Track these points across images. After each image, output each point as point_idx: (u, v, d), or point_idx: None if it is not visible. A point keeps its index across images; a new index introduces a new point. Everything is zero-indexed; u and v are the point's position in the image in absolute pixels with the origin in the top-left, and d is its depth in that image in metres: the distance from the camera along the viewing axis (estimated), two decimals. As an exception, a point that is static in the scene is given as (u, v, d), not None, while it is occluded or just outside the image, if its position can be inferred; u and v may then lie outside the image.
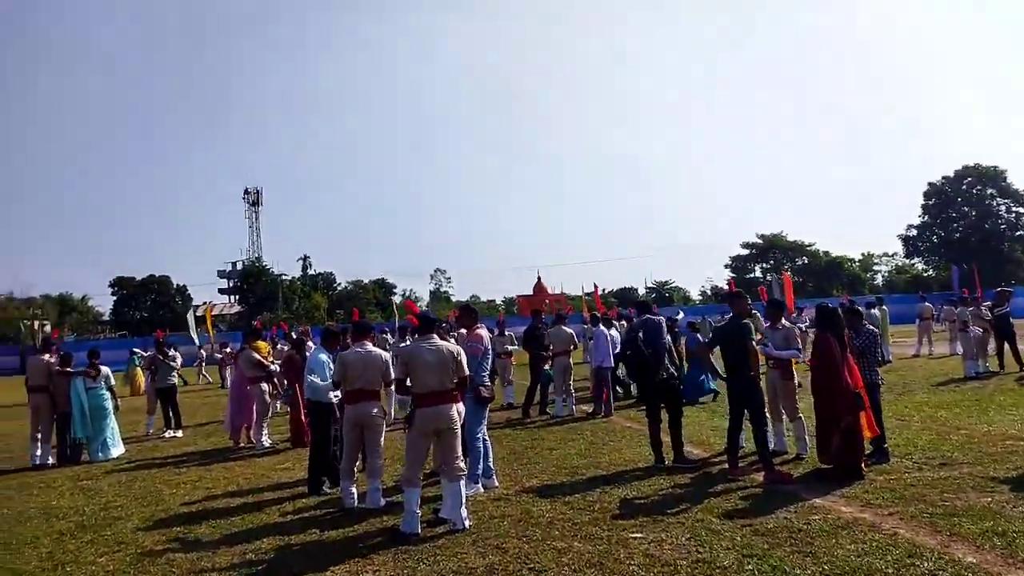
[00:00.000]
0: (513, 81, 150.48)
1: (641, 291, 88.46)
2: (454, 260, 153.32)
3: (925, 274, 69.32)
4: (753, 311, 8.08)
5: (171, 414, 12.58)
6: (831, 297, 46.46)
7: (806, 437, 7.68)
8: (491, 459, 7.19)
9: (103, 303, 78.86)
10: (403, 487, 5.82)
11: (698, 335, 13.74)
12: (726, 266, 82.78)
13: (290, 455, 9.69)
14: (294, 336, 11.61)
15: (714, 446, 8.56)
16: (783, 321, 7.89)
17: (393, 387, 6.59)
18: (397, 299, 79.61)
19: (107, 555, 5.55)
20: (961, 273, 37.52)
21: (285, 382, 10.56)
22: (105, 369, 10.47)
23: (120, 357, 27.85)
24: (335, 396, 7.29)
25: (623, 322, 14.75)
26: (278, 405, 11.44)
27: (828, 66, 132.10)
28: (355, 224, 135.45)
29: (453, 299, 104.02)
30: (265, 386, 10.49)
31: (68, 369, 10.32)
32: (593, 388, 12.14)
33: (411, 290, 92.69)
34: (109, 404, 10.41)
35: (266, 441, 10.28)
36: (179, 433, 12.44)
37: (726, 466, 7.05)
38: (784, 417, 7.88)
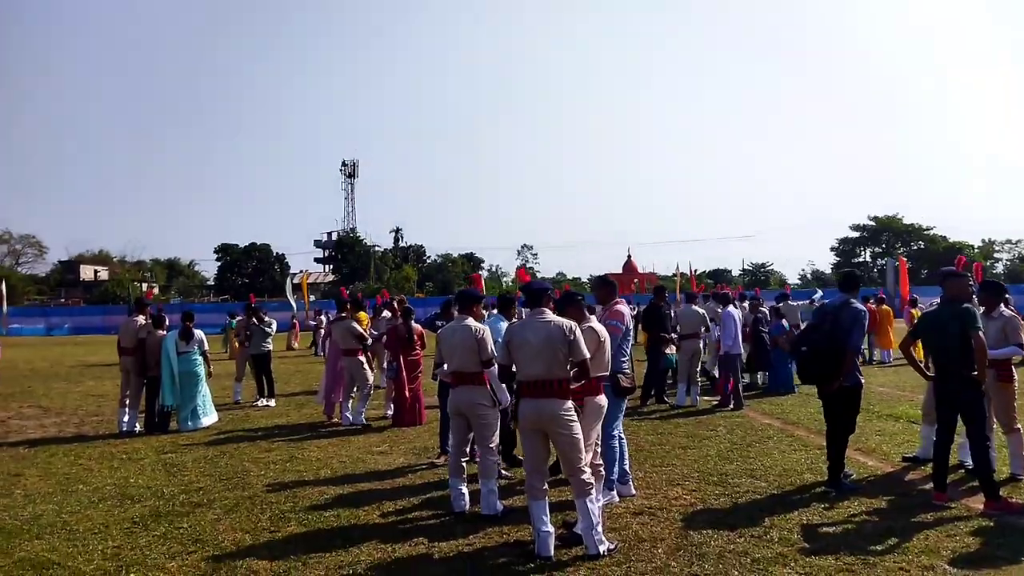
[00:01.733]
0: (603, 52, 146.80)
1: (736, 273, 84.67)
2: (542, 236, 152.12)
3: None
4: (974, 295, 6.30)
5: (264, 382, 11.98)
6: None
7: (1022, 453, 6.07)
8: (627, 461, 5.94)
9: (208, 268, 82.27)
10: (527, 498, 4.67)
11: (783, 322, 12.22)
12: (832, 249, 78.09)
13: (387, 436, 8.77)
14: (395, 305, 10.64)
15: (890, 457, 7.02)
16: (1002, 309, 6.20)
17: (495, 370, 5.35)
18: (484, 274, 79.47)
19: (179, 557, 4.66)
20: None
21: (388, 355, 9.68)
22: (199, 333, 9.84)
23: (220, 320, 28.38)
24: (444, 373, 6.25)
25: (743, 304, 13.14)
26: (384, 380, 10.54)
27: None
28: (446, 198, 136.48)
29: (539, 275, 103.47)
30: (363, 359, 9.60)
31: (160, 331, 9.75)
32: (720, 377, 10.67)
33: (497, 265, 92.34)
34: (201, 370, 9.78)
35: (362, 418, 9.40)
36: (271, 403, 11.83)
37: (908, 487, 5.54)
38: (995, 429, 6.24)
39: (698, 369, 10.94)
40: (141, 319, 9.97)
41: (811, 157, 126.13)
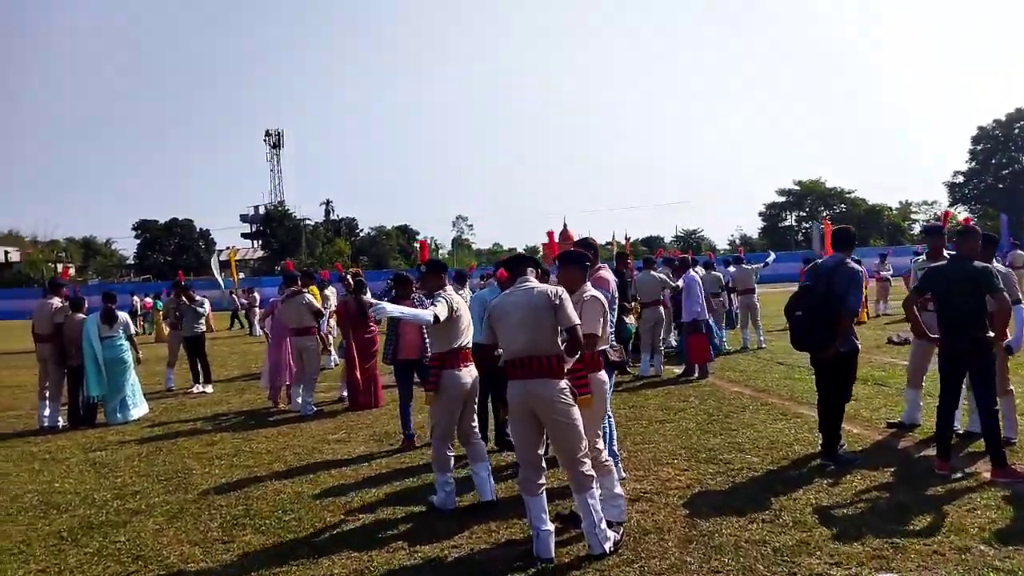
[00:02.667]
0: (535, 12, 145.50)
1: (668, 240, 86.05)
2: (477, 207, 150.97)
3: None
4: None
5: (199, 367, 11.08)
6: (869, 248, 43.90)
7: (1015, 417, 5.93)
8: (615, 441, 5.50)
9: (127, 247, 78.18)
10: (521, 493, 4.16)
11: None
12: (760, 214, 79.95)
13: (342, 421, 8.12)
14: (349, 279, 9.86)
15: (873, 422, 6.84)
16: (995, 263, 5.98)
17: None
18: (418, 245, 78.25)
19: (117, 580, 3.98)
20: (1011, 222, 34.80)
21: (338, 333, 8.99)
22: (123, 315, 8.90)
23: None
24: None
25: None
26: (334, 360, 9.79)
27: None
28: (378, 169, 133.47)
29: (474, 247, 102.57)
30: (317, 338, 8.86)
31: (79, 314, 8.76)
32: (689, 345, 10.37)
33: (432, 237, 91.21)
34: (129, 356, 8.86)
35: (312, 407, 8.68)
36: (208, 389, 10.96)
37: (905, 456, 5.31)
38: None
39: (660, 337, 10.60)
40: (57, 302, 8.95)
41: (742, 124, 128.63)
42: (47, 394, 8.59)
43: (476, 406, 5.20)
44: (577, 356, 4.07)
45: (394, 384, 7.24)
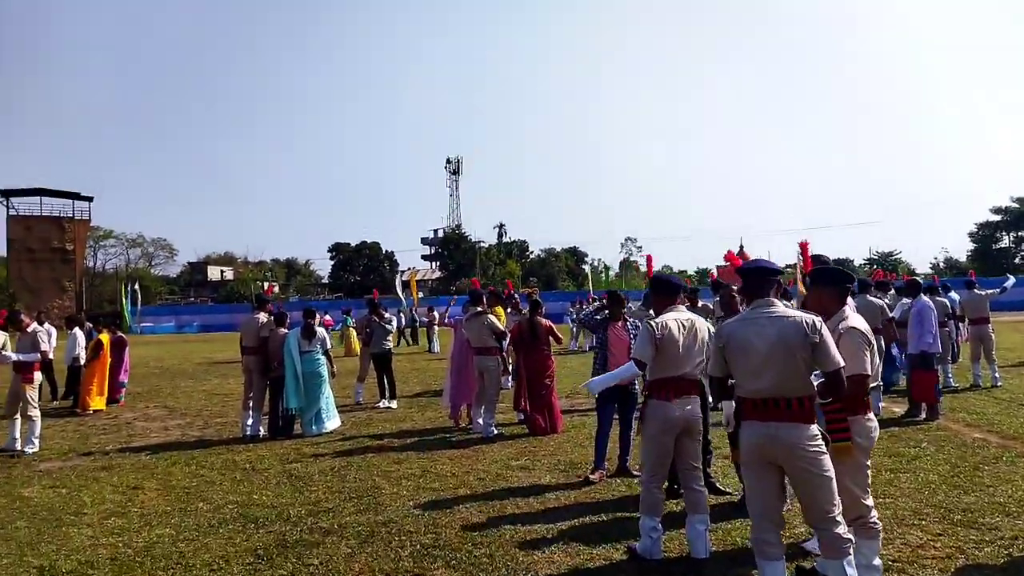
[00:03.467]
0: (726, 30, 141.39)
1: (858, 262, 79.11)
2: (646, 229, 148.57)
3: None
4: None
5: (386, 383, 11.35)
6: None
7: None
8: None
9: (322, 267, 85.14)
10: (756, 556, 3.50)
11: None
12: (970, 234, 71.30)
13: (524, 447, 7.80)
14: (518, 299, 9.67)
15: None
16: None
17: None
18: (586, 268, 78.01)
19: (313, 609, 3.82)
20: None
21: (512, 354, 8.76)
22: (321, 331, 9.25)
23: (335, 318, 28.82)
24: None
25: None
26: (509, 382, 9.58)
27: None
28: (548, 192, 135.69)
29: (642, 268, 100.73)
30: (499, 359, 8.67)
31: (282, 329, 9.22)
32: (914, 382, 9.00)
33: (599, 259, 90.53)
34: (325, 371, 9.18)
35: (493, 428, 8.46)
36: (393, 404, 11.18)
37: None
38: None
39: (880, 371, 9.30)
40: (263, 316, 9.48)
41: (941, 132, 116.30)
42: (251, 404, 9.08)
43: (699, 444, 4.59)
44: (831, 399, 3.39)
45: (585, 409, 6.82)
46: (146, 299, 56.73)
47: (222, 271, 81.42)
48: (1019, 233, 68.01)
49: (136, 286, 47.70)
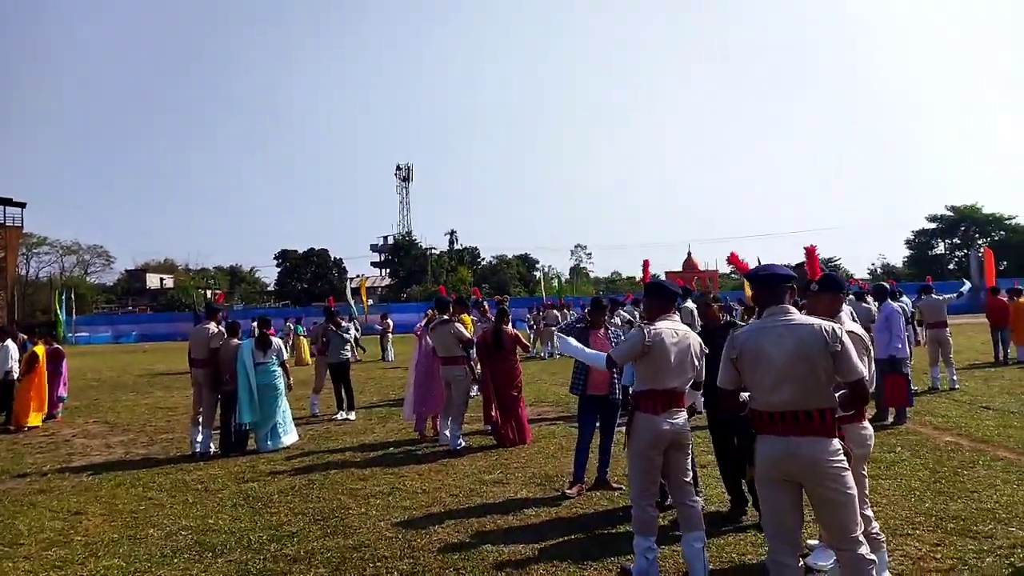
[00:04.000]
0: (654, 48, 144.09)
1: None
2: (595, 236, 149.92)
3: None
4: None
5: (344, 393, 10.89)
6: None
7: None
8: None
9: (268, 275, 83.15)
10: None
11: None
12: (906, 241, 74.08)
13: (496, 459, 7.48)
14: (485, 306, 9.37)
15: None
16: None
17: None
18: (538, 274, 78.30)
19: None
20: None
21: (477, 363, 8.44)
22: (277, 341, 8.76)
23: (277, 327, 27.94)
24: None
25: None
26: (474, 391, 9.23)
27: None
28: (498, 199, 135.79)
29: (592, 275, 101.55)
30: (466, 369, 8.33)
31: (234, 340, 8.70)
32: (887, 387, 9.01)
33: (550, 266, 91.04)
34: (281, 383, 8.69)
35: (461, 441, 8.13)
36: (352, 416, 10.73)
37: None
38: None
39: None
40: (213, 326, 8.92)
41: (874, 151, 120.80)
42: (200, 419, 8.52)
43: (689, 458, 4.37)
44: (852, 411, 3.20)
45: (552, 419, 6.56)
46: (81, 308, 54.37)
47: (162, 279, 78.71)
48: (953, 240, 70.91)
49: (71, 295, 45.55)
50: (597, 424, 6.35)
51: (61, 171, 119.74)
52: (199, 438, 8.45)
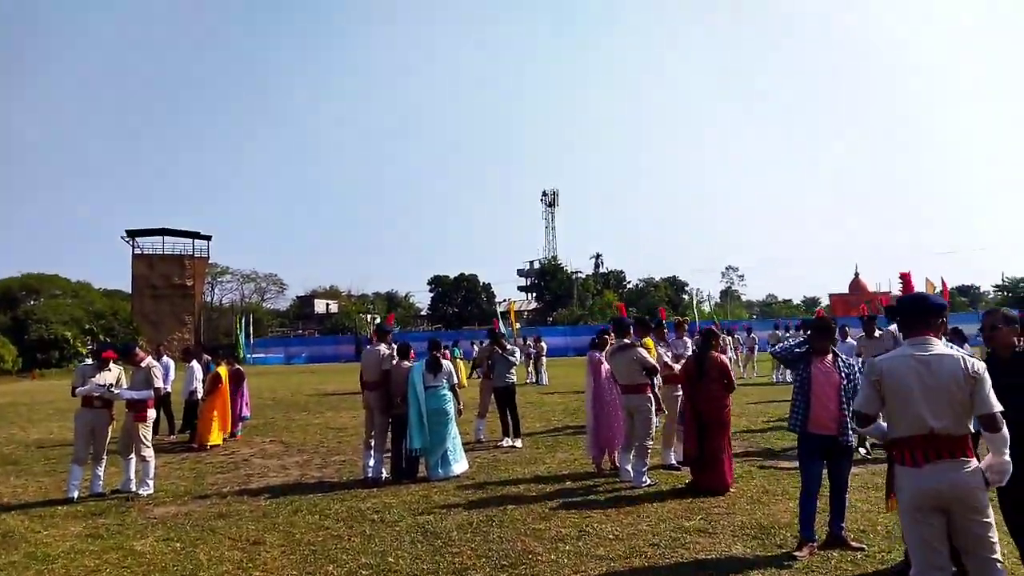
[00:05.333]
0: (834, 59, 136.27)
1: (984, 288, 72.72)
2: (747, 256, 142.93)
3: None
4: None
5: (509, 419, 10.37)
6: None
7: None
8: None
9: (422, 299, 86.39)
10: None
11: None
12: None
13: (691, 503, 6.53)
14: (665, 328, 8.44)
15: None
16: None
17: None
18: (686, 297, 75.42)
19: None
20: None
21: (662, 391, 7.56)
22: (447, 364, 8.37)
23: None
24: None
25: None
26: (657, 421, 8.29)
27: None
28: (644, 222, 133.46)
29: (744, 298, 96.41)
30: (648, 398, 7.47)
31: (405, 362, 8.42)
32: None
33: (698, 289, 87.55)
34: (451, 408, 8.28)
35: (646, 478, 7.27)
36: (518, 443, 10.17)
37: None
38: None
39: None
40: (384, 348, 8.70)
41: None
42: (372, 443, 8.29)
43: (988, 525, 3.28)
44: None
45: (753, 454, 5.55)
46: (258, 331, 58.81)
47: (327, 304, 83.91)
48: None
49: (250, 319, 49.34)
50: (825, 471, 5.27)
51: (240, 206, 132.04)
52: (371, 463, 8.20)
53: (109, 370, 7.96)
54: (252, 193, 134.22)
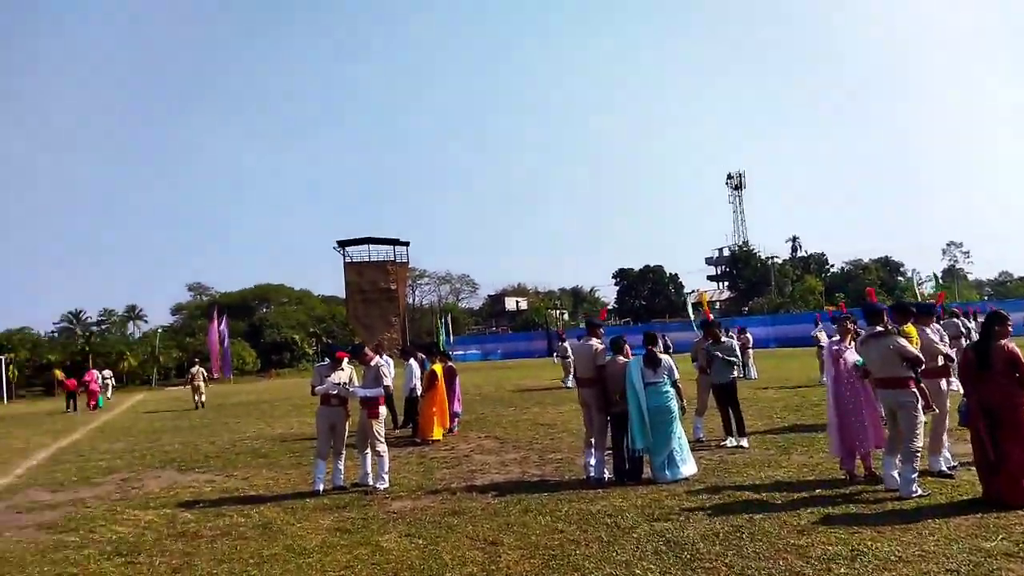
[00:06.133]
0: None
1: None
2: (975, 230, 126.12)
3: None
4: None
5: (732, 417, 9.63)
6: None
7: None
8: None
9: (607, 293, 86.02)
10: None
11: None
12: None
13: (977, 518, 5.49)
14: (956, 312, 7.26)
15: None
16: None
17: None
18: (902, 279, 67.81)
19: None
20: None
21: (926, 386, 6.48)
22: (666, 359, 7.89)
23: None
24: None
25: None
26: (923, 417, 7.16)
27: None
28: (844, 198, 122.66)
29: (971, 277, 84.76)
30: (913, 394, 6.45)
31: (621, 357, 8.04)
32: None
33: (914, 269, 78.51)
34: (675, 405, 7.78)
35: (916, 487, 6.27)
36: (744, 442, 9.41)
37: None
38: None
39: None
40: (595, 343, 8.39)
41: None
42: (593, 441, 8.01)
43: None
44: None
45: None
46: (456, 330, 61.70)
47: (517, 301, 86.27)
48: None
49: (448, 318, 51.89)
50: None
51: (433, 210, 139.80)
52: (592, 461, 7.93)
53: (342, 369, 8.40)
54: (446, 199, 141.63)
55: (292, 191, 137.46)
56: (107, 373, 36.07)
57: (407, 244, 67.50)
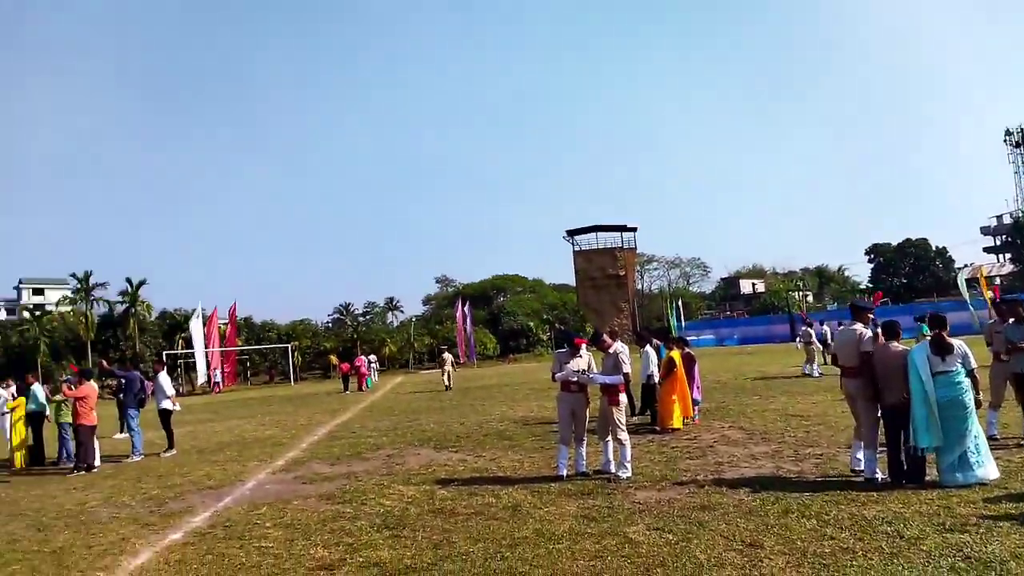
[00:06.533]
0: None
1: None
2: None
3: None
4: None
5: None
6: None
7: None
8: None
9: (859, 272, 78.12)
10: None
11: None
12: None
13: None
14: None
15: None
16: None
17: None
18: None
19: None
20: None
21: None
22: (959, 344, 6.68)
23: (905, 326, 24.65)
24: None
25: None
26: None
27: None
28: None
29: None
30: None
31: (895, 343, 7.03)
32: None
33: None
34: (969, 398, 6.61)
35: None
36: (1057, 445, 7.78)
37: None
38: None
39: None
40: (860, 327, 7.43)
41: None
42: (862, 437, 7.11)
43: None
44: None
45: None
46: (687, 315, 59.99)
47: (753, 284, 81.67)
48: None
49: (679, 303, 50.59)
50: None
51: (662, 192, 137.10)
52: (859, 455, 7.07)
53: (581, 356, 8.36)
54: (677, 179, 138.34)
55: (526, 183, 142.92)
56: (372, 358, 40.28)
57: (635, 230, 66.91)
